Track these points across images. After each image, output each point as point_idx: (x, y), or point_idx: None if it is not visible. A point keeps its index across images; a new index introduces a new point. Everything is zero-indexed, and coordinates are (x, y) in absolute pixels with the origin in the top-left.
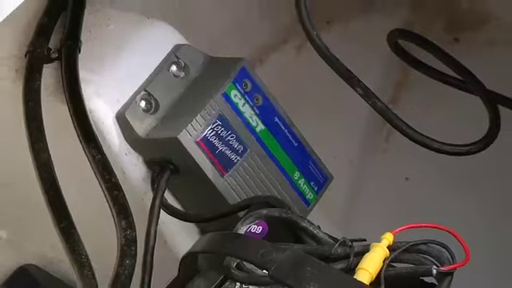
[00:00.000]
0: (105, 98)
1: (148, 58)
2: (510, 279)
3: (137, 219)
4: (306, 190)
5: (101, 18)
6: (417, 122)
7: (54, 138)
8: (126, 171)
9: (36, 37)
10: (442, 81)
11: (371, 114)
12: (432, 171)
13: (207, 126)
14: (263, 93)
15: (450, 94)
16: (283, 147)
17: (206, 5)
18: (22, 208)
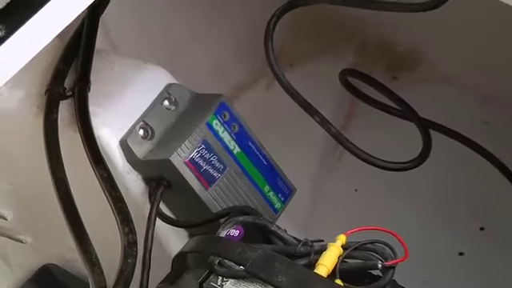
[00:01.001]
0: (110, 128)
1: (145, 94)
2: (436, 272)
3: (137, 226)
4: (274, 200)
5: (106, 63)
6: (364, 144)
7: (69, 160)
8: (128, 187)
9: (53, 79)
10: (384, 110)
11: (327, 138)
12: (376, 184)
13: (194, 149)
14: (239, 122)
15: (391, 121)
16: (255, 166)
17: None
18: (45, 218)
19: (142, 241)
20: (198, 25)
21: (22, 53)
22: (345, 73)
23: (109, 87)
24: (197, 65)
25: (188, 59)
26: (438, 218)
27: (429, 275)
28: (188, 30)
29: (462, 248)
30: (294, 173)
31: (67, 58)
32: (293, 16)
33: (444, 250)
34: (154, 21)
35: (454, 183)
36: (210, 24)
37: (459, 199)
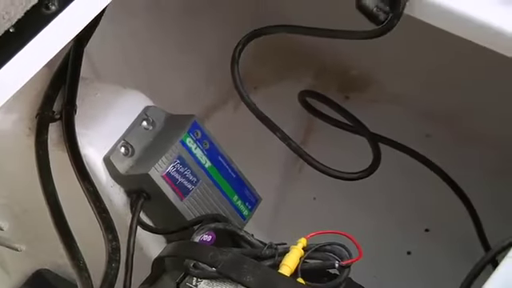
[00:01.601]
0: (95, 146)
1: (125, 116)
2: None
3: (120, 233)
4: (242, 208)
5: (90, 89)
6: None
7: (58, 176)
8: (111, 199)
9: (43, 103)
10: (338, 126)
11: (288, 152)
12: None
13: (170, 164)
14: (209, 139)
15: (345, 136)
16: (225, 178)
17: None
18: (38, 228)
19: (124, 247)
20: (172, 53)
21: (14, 81)
22: (303, 94)
23: (93, 111)
24: (171, 89)
25: (163, 84)
26: (388, 221)
27: (380, 272)
28: (163, 57)
29: (409, 247)
30: (260, 183)
31: (55, 85)
32: (256, 44)
33: (394, 249)
34: (133, 50)
35: (402, 190)
36: (183, 52)
37: (407, 204)
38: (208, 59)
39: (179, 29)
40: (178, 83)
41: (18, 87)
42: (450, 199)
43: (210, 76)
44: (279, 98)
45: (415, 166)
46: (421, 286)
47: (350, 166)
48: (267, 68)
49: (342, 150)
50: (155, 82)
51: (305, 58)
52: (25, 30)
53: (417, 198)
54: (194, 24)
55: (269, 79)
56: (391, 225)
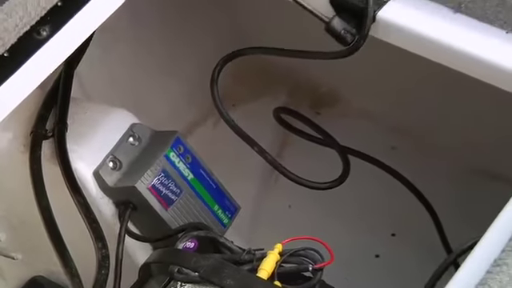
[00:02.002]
0: (85, 161)
1: (113, 133)
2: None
3: (109, 242)
4: (222, 217)
5: (80, 108)
6: (295, 168)
7: (51, 189)
8: (101, 210)
9: (37, 122)
10: (311, 140)
11: (264, 164)
12: (306, 200)
13: (155, 177)
14: (192, 153)
15: (316, 149)
16: (206, 189)
17: (151, 95)
18: (33, 238)
19: (113, 254)
20: (156, 74)
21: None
22: (278, 111)
23: (83, 128)
24: (156, 107)
25: (148, 102)
26: (357, 226)
27: (351, 274)
28: (148, 78)
29: (378, 251)
30: (239, 193)
31: (48, 105)
32: (234, 65)
33: (363, 252)
34: (120, 71)
35: (370, 198)
36: (166, 72)
37: (375, 211)
38: (189, 79)
39: (162, 51)
40: (162, 102)
41: (12, 108)
42: (415, 206)
43: (192, 95)
44: (256, 114)
45: (382, 176)
46: (389, 286)
47: (322, 176)
48: (244, 87)
49: (315, 162)
50: (140, 100)
51: (279, 77)
52: (18, 54)
53: (384, 206)
54: (176, 47)
55: (246, 97)
56: (360, 230)
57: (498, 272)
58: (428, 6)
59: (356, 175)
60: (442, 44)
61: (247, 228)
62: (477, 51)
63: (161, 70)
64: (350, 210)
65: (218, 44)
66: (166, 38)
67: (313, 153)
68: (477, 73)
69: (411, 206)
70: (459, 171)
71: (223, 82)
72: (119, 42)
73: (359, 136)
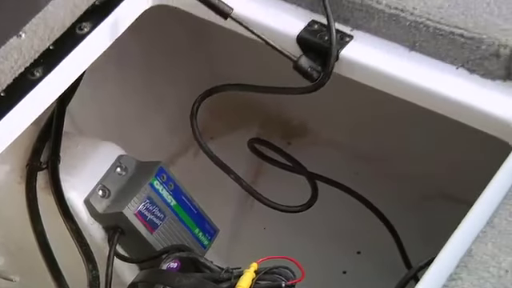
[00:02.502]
0: (77, 190)
1: (102, 164)
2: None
3: (99, 264)
4: (203, 239)
5: (72, 142)
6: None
7: (46, 216)
8: (91, 234)
9: (32, 155)
10: (282, 168)
11: (240, 190)
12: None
13: (140, 203)
14: (174, 181)
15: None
16: (187, 213)
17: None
18: (29, 261)
19: (103, 275)
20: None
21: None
22: (252, 141)
23: (74, 160)
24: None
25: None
26: (326, 246)
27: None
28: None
29: (345, 268)
30: (217, 217)
31: (42, 139)
32: (211, 101)
33: (331, 269)
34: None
35: (337, 219)
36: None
37: (341, 231)
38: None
39: (146, 89)
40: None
41: (9, 142)
42: (378, 226)
43: (173, 128)
44: (232, 145)
45: (348, 200)
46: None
47: (293, 200)
48: (221, 121)
49: (286, 188)
50: (127, 134)
51: (252, 111)
52: (14, 93)
53: (349, 226)
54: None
55: (222, 130)
56: (329, 249)
57: (454, 286)
58: (385, 45)
59: (324, 199)
60: (399, 79)
61: (225, 249)
62: (430, 85)
63: (145, 107)
64: (319, 231)
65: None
66: (149, 77)
67: (284, 179)
68: (431, 105)
69: (374, 226)
70: (417, 194)
71: (202, 116)
72: (107, 81)
73: (326, 163)
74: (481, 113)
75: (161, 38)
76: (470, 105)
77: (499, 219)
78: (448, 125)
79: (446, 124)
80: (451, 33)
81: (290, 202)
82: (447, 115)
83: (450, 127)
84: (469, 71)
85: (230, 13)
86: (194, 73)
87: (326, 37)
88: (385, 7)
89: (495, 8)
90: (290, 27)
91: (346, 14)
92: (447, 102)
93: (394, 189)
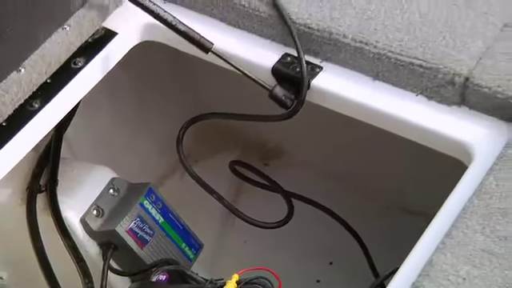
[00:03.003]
0: (74, 210)
1: (96, 186)
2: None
3: (94, 277)
4: (189, 253)
5: (68, 166)
6: (248, 211)
7: (45, 234)
8: (87, 250)
9: (32, 179)
10: (261, 187)
11: (223, 208)
12: (258, 237)
13: (131, 221)
14: (162, 201)
15: (265, 195)
16: (174, 230)
17: (127, 154)
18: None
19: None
20: (131, 136)
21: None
22: (233, 163)
23: (71, 183)
24: (131, 163)
25: (125, 160)
26: (301, 257)
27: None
28: (124, 140)
29: (318, 277)
30: (202, 233)
31: (41, 165)
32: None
33: (306, 279)
34: (101, 135)
35: (311, 233)
36: (140, 135)
37: (315, 243)
38: (159, 140)
39: (136, 117)
40: (136, 159)
41: (10, 168)
42: (347, 239)
43: (161, 152)
44: (215, 167)
45: (320, 215)
46: None
47: (271, 217)
48: (205, 145)
49: (264, 205)
50: (118, 158)
51: (233, 136)
52: (14, 123)
53: (322, 239)
54: (147, 114)
55: (206, 153)
56: (304, 260)
57: None
58: (352, 75)
59: (299, 215)
60: (365, 106)
61: (209, 261)
62: (392, 111)
63: (135, 133)
64: (295, 244)
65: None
66: (139, 107)
67: (262, 198)
68: (393, 128)
69: (345, 239)
70: (383, 209)
71: (187, 141)
72: (100, 111)
73: (300, 182)
74: (438, 135)
75: (149, 70)
76: (428, 128)
77: (457, 231)
78: (409, 146)
79: (407, 145)
80: (411, 63)
81: (268, 218)
82: (408, 138)
83: (410, 148)
84: (427, 98)
85: (210, 47)
86: (180, 102)
87: (297, 68)
88: (350, 41)
89: (450, 41)
90: (266, 60)
91: (316, 47)
92: (408, 126)
93: (362, 204)
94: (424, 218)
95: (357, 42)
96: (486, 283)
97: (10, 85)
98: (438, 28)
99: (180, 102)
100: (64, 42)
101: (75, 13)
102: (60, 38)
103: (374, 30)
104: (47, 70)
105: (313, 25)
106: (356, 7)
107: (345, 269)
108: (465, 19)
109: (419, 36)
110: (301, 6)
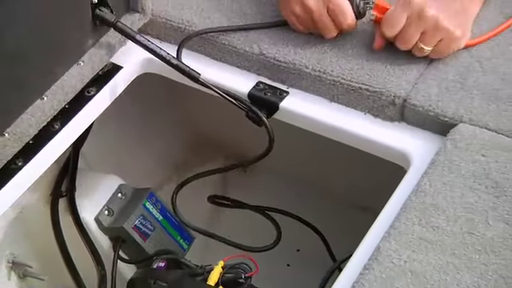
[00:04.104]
0: (89, 211)
1: (107, 191)
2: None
3: (106, 265)
4: (183, 244)
5: (84, 176)
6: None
7: (66, 231)
8: (100, 243)
9: (55, 186)
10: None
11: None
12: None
13: (136, 219)
14: (161, 202)
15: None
16: (171, 225)
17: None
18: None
19: (109, 274)
20: (135, 150)
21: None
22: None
23: (86, 189)
24: (135, 172)
25: (130, 169)
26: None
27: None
28: (130, 153)
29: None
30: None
31: (62, 174)
32: (190, 140)
33: (278, 263)
34: (110, 150)
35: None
36: (143, 149)
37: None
38: (158, 153)
39: (139, 136)
40: (139, 169)
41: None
42: (308, 240)
43: (159, 164)
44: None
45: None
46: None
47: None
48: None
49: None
50: (125, 169)
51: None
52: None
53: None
54: (149, 132)
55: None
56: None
57: (367, 273)
58: (313, 98)
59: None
60: (324, 123)
61: (199, 251)
62: (346, 127)
63: (138, 148)
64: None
65: (178, 129)
66: (141, 127)
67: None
68: (347, 140)
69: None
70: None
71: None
72: (109, 131)
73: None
74: (382, 146)
75: (149, 97)
76: (375, 140)
77: (399, 223)
78: (360, 155)
79: (359, 154)
80: (359, 88)
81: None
82: (359, 148)
83: (361, 156)
84: (373, 116)
85: (198, 77)
86: (176, 121)
87: (269, 93)
88: (311, 71)
89: (391, 70)
90: (243, 87)
91: (283, 76)
92: (359, 139)
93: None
94: (373, 213)
95: (316, 72)
96: (422, 265)
97: (35, 110)
98: (381, 59)
99: (177, 122)
100: (79, 75)
101: (87, 51)
102: (76, 72)
103: (329, 61)
104: (65, 97)
105: (280, 58)
106: (315, 44)
107: (309, 255)
108: (402, 52)
109: (366, 66)
110: (270, 43)
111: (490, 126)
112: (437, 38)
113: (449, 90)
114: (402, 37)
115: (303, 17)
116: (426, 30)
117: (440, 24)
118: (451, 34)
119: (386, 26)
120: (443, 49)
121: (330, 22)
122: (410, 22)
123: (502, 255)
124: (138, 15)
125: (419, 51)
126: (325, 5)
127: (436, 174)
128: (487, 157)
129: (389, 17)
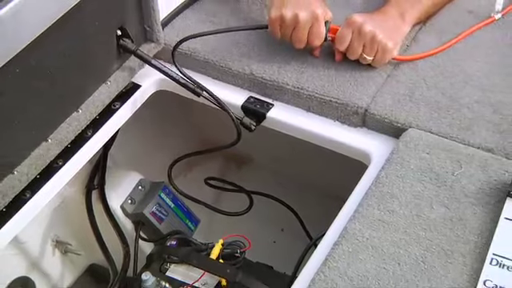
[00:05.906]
0: (116, 201)
1: (129, 184)
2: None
3: (130, 243)
4: (191, 226)
5: (112, 172)
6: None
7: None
8: (125, 226)
9: (89, 181)
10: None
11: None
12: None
13: (153, 207)
14: (172, 193)
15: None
16: (181, 211)
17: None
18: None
19: (132, 250)
20: (152, 152)
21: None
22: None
23: (114, 183)
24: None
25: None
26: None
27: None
28: (148, 154)
29: (274, 239)
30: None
31: (94, 171)
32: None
33: (266, 240)
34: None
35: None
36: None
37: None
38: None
39: (155, 141)
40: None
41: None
42: (291, 215)
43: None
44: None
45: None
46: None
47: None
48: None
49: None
50: (144, 166)
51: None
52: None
53: (276, 216)
54: (162, 138)
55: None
56: (264, 229)
57: (337, 248)
58: (293, 109)
59: (261, 203)
60: (302, 129)
61: (204, 232)
62: (319, 131)
63: (155, 150)
64: (259, 219)
65: (186, 135)
66: (156, 133)
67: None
68: (321, 142)
69: (291, 214)
70: (317, 195)
71: None
72: (131, 137)
73: (262, 179)
74: (349, 147)
75: (163, 109)
76: (342, 142)
77: (362, 208)
78: (331, 154)
79: (330, 153)
80: (330, 101)
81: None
82: (330, 148)
83: (332, 155)
84: (341, 123)
85: (201, 93)
86: (185, 129)
87: (258, 105)
88: (291, 87)
89: (354, 86)
90: (237, 100)
91: (269, 91)
92: (330, 141)
93: (303, 192)
94: (341, 200)
95: (295, 88)
96: (380, 241)
97: (72, 121)
98: (347, 78)
99: (185, 129)
100: (106, 92)
101: (113, 73)
102: (104, 90)
103: (306, 79)
104: (96, 110)
105: (267, 77)
106: (294, 66)
107: (291, 234)
108: (363, 72)
109: (335, 83)
110: (258, 65)
111: (433, 130)
112: (374, 49)
113: (400, 102)
114: (350, 50)
115: (288, 23)
116: (365, 42)
117: (376, 37)
118: (384, 46)
119: (338, 43)
120: (380, 57)
121: (305, 37)
122: (354, 38)
123: (442, 232)
124: (154, 44)
125: (363, 60)
126: (310, 23)
127: (391, 169)
128: (431, 155)
129: (339, 35)
